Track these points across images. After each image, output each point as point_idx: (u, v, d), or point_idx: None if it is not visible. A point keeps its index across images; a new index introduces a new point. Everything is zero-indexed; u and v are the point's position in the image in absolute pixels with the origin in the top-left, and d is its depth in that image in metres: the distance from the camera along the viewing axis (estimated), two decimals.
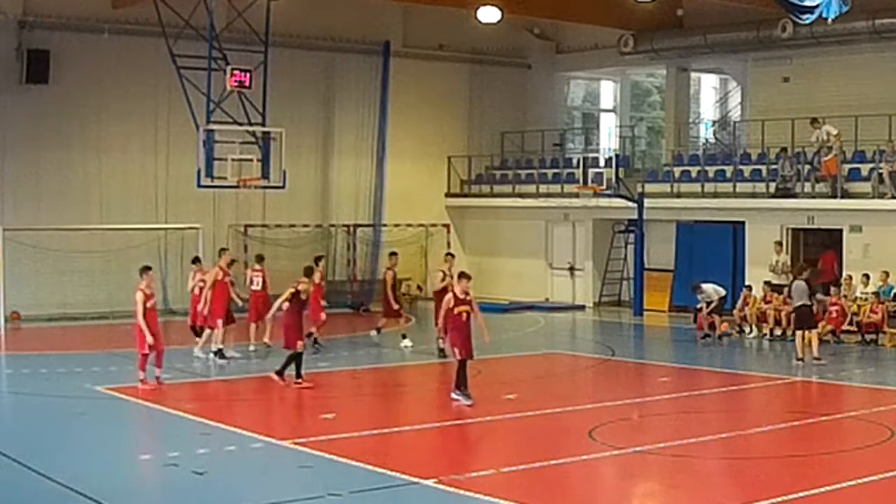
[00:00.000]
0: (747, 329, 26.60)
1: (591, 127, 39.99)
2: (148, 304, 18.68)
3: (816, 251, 28.92)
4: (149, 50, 29.07)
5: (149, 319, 18.64)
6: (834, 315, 25.00)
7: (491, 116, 37.09)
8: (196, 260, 23.72)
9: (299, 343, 19.23)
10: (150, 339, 18.63)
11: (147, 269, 19.34)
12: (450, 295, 17.93)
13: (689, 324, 27.25)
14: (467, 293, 17.71)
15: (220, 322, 21.76)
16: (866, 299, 25.36)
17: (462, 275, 18.08)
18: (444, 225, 35.68)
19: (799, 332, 22.09)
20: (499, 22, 30.91)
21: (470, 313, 17.66)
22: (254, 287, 23.66)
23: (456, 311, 17.56)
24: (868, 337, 24.92)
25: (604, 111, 40.80)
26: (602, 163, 32.62)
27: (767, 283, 26.90)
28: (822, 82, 30.55)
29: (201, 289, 22.14)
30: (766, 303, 26.38)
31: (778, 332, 25.86)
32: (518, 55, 37.75)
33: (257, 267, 24.13)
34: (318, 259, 24.49)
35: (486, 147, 37.02)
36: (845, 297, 25.58)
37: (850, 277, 26.21)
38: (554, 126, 37.64)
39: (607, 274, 34.02)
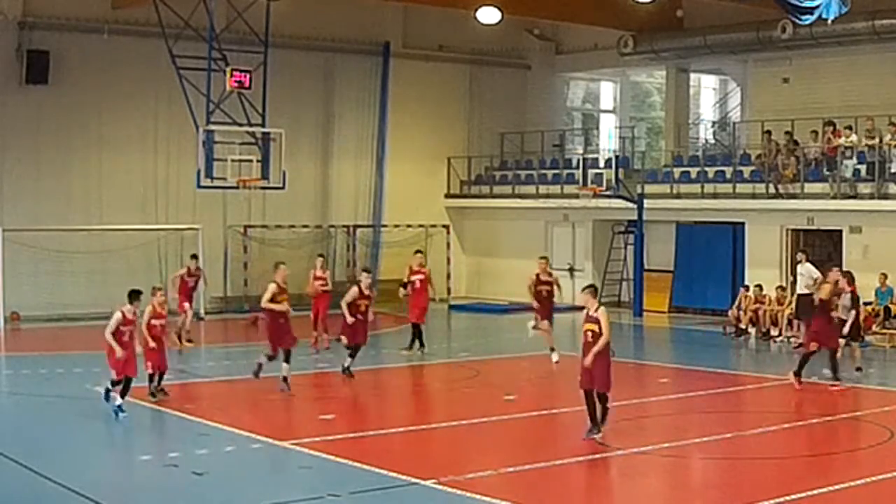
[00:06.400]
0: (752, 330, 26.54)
1: (591, 128, 39.98)
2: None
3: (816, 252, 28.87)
4: (149, 50, 29.05)
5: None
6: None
7: (490, 117, 37.06)
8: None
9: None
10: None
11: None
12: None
13: (687, 324, 27.21)
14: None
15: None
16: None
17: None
18: (444, 226, 35.65)
19: None
20: (499, 23, 30.93)
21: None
22: None
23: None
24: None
25: (603, 112, 40.83)
26: (602, 163, 32.58)
27: (759, 286, 26.86)
28: (822, 83, 30.54)
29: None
30: (759, 303, 26.36)
31: (774, 332, 25.85)
32: (518, 56, 37.74)
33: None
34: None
35: (486, 148, 36.99)
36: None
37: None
38: (554, 127, 37.63)
39: (607, 275, 33.99)
